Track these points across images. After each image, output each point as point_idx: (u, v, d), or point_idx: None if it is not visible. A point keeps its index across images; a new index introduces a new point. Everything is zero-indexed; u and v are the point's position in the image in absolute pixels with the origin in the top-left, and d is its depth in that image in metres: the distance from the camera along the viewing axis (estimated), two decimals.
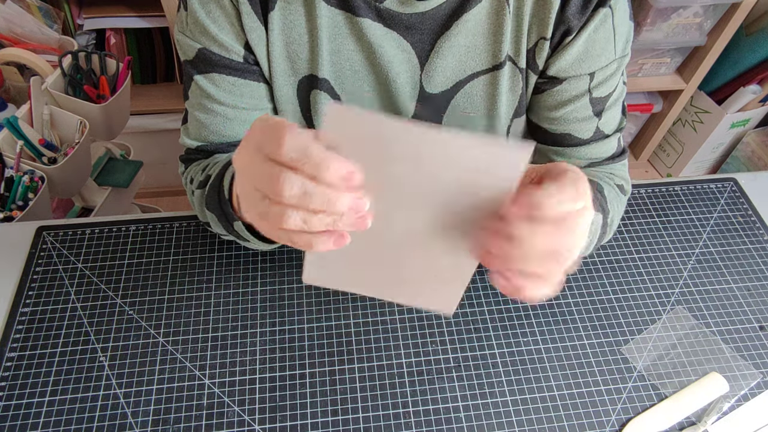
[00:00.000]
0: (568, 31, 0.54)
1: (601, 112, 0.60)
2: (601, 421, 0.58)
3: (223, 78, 0.56)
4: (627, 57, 0.59)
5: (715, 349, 0.64)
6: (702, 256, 0.72)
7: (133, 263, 0.68)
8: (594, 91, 0.58)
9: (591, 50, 0.55)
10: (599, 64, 0.56)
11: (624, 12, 0.55)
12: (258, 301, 0.65)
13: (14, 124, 1.00)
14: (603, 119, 0.61)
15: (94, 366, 0.59)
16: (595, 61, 0.56)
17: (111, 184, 1.24)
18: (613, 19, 0.54)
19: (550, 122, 0.61)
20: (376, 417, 0.57)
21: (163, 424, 0.56)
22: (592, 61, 0.56)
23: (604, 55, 0.56)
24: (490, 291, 0.67)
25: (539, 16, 0.54)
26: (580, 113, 0.59)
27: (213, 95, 0.57)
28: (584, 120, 0.60)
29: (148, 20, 1.31)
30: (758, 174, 0.82)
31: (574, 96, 0.58)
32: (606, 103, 0.60)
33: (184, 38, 0.56)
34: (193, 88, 0.58)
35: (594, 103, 0.59)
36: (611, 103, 0.60)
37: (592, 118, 0.60)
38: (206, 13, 0.53)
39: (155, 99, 1.47)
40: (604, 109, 0.60)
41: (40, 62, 1.09)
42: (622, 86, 0.61)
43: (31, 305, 0.63)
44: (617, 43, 0.56)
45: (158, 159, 1.56)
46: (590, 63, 0.56)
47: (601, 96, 0.59)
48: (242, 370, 0.60)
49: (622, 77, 0.60)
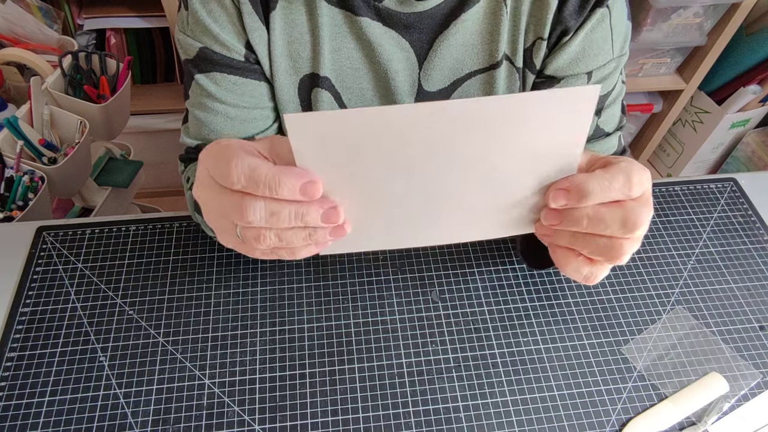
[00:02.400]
0: (566, 31, 0.54)
1: (601, 110, 0.60)
2: (601, 421, 0.58)
3: (225, 77, 0.56)
4: (625, 56, 0.59)
5: (715, 349, 0.64)
6: (702, 256, 0.72)
7: (133, 263, 0.68)
8: None
9: (588, 50, 0.55)
10: (596, 63, 0.56)
11: (621, 11, 0.55)
12: (258, 301, 0.65)
13: (14, 124, 1.00)
14: (603, 117, 0.61)
15: (94, 366, 0.59)
16: (593, 60, 0.56)
17: (111, 184, 1.24)
18: (611, 18, 0.54)
19: None
20: (376, 417, 0.57)
21: (163, 424, 0.56)
22: (589, 61, 0.56)
23: (601, 54, 0.56)
24: (490, 291, 0.67)
25: (536, 16, 0.54)
26: None
27: (214, 94, 0.57)
28: None
29: (148, 20, 1.31)
30: (758, 174, 0.82)
31: None
32: (605, 101, 0.60)
33: (185, 37, 0.56)
34: (194, 87, 0.58)
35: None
36: (610, 102, 0.60)
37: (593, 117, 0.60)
38: (207, 12, 0.53)
39: (155, 99, 1.47)
40: (603, 108, 0.60)
41: (40, 62, 1.09)
42: (621, 85, 0.61)
43: (31, 305, 0.63)
44: (615, 43, 0.56)
45: (158, 159, 1.56)
46: (587, 62, 0.56)
47: (600, 95, 0.59)
48: (242, 370, 0.59)
49: (621, 76, 0.60)
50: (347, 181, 0.36)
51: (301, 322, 0.63)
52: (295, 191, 0.32)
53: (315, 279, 0.67)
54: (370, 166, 0.35)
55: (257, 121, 0.60)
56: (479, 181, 0.37)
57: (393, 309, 0.65)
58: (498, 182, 0.38)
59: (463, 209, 0.40)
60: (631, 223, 0.35)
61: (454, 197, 0.38)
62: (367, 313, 0.64)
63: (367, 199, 0.37)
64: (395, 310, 0.65)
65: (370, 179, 0.36)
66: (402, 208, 0.39)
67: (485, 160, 0.36)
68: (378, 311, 0.65)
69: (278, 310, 0.64)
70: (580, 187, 0.36)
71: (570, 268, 0.40)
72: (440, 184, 0.37)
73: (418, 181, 0.37)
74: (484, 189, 0.38)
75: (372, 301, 0.65)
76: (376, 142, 0.33)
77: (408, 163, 0.35)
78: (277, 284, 0.66)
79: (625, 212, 0.35)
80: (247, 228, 0.34)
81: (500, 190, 0.38)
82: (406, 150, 0.34)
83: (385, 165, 0.35)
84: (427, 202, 0.39)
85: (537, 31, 0.55)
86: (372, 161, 0.35)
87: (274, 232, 0.34)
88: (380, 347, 0.62)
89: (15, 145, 0.99)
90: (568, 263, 0.40)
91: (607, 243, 0.37)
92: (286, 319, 0.64)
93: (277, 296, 0.65)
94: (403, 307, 0.65)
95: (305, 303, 0.65)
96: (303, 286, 0.66)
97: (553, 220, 0.38)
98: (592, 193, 0.35)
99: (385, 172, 0.36)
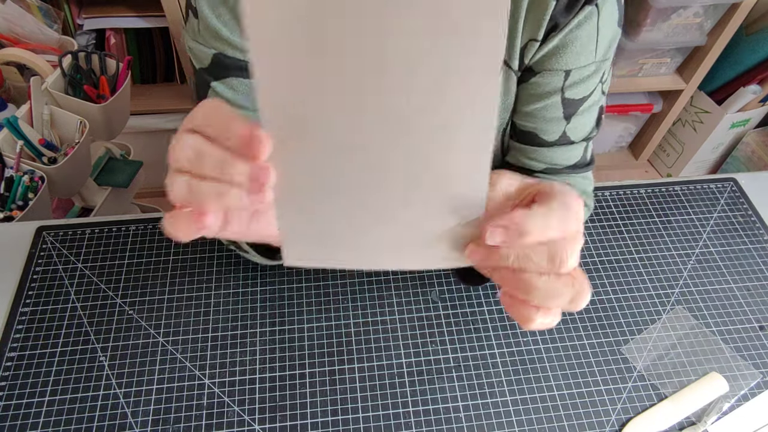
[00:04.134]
0: (554, 27, 0.53)
1: (572, 115, 0.58)
2: (601, 421, 0.58)
3: (240, 81, 0.56)
4: (607, 62, 0.57)
5: (715, 349, 0.64)
6: (702, 256, 0.72)
7: (133, 263, 0.68)
8: (567, 91, 0.57)
9: (570, 46, 0.54)
10: (577, 62, 0.55)
11: (611, 15, 0.54)
12: (258, 301, 0.65)
13: (14, 124, 1.00)
14: (571, 124, 0.59)
15: (94, 366, 0.59)
16: (573, 58, 0.54)
17: (111, 184, 1.24)
18: (599, 19, 0.53)
19: (519, 116, 0.60)
20: (376, 417, 0.57)
21: (163, 424, 0.56)
22: (569, 58, 0.54)
23: (583, 54, 0.54)
24: (490, 291, 0.67)
25: (533, 18, 0.53)
26: (550, 112, 0.58)
27: (231, 100, 0.56)
28: (552, 121, 0.59)
29: (148, 20, 1.31)
30: (758, 174, 0.82)
31: (546, 92, 0.57)
32: (579, 107, 0.58)
33: (198, 46, 0.55)
34: (211, 95, 0.57)
35: (566, 104, 0.57)
36: (584, 109, 0.59)
37: (561, 121, 0.59)
38: (217, 17, 0.53)
39: (155, 99, 1.47)
40: (575, 113, 0.58)
41: (40, 62, 1.09)
42: (599, 94, 0.59)
43: (31, 305, 0.63)
44: (599, 45, 0.55)
45: (158, 159, 1.55)
46: (567, 59, 0.55)
47: (574, 98, 0.57)
48: (242, 370, 0.60)
49: (601, 85, 0.59)
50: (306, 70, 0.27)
51: (301, 322, 0.63)
52: (241, 139, 0.28)
53: (315, 279, 0.67)
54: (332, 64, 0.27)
55: None
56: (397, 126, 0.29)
57: (393, 309, 0.65)
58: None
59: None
60: (558, 259, 0.33)
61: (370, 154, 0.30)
62: (367, 313, 0.64)
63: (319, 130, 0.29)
64: (395, 310, 0.65)
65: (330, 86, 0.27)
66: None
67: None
68: (378, 311, 0.65)
69: (278, 310, 0.64)
70: (520, 226, 0.33)
71: (514, 314, 0.37)
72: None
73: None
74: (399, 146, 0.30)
75: (372, 301, 0.65)
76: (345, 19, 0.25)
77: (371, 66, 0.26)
78: (277, 284, 0.66)
79: (551, 247, 0.33)
80: (172, 172, 0.30)
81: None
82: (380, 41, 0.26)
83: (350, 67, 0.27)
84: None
85: (531, 32, 0.54)
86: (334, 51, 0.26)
87: (185, 179, 0.30)
88: (380, 347, 0.62)
89: (15, 145, 0.99)
90: (510, 309, 0.36)
91: (533, 280, 0.34)
92: (286, 319, 0.64)
93: (277, 296, 0.65)
94: (403, 307, 0.65)
95: (305, 303, 0.65)
96: (303, 286, 0.66)
97: (477, 257, 0.35)
98: (531, 232, 0.33)
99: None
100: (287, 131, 0.30)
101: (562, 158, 0.61)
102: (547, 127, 0.59)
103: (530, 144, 0.61)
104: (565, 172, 0.62)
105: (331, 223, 0.34)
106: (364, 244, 0.36)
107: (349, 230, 0.35)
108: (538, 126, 0.59)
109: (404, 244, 0.35)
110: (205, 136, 0.30)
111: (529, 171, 0.63)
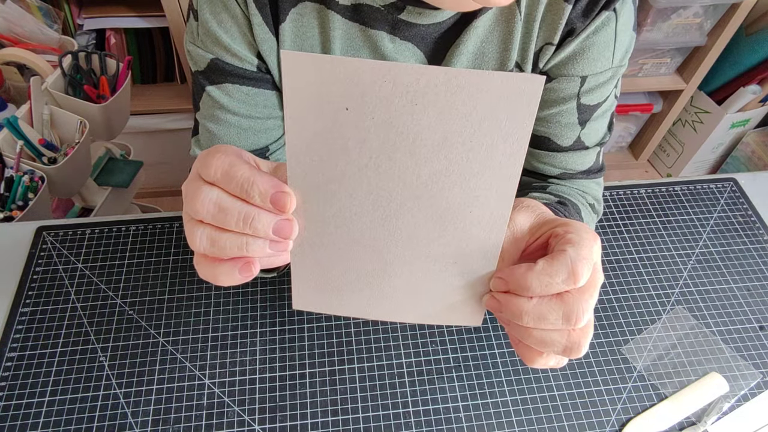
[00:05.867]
0: (571, 32, 0.53)
1: (587, 121, 0.58)
2: (601, 421, 0.58)
3: (237, 88, 0.55)
4: (623, 68, 0.57)
5: (715, 349, 0.64)
6: (702, 256, 0.72)
7: (133, 263, 0.68)
8: (583, 97, 0.57)
9: (587, 52, 0.54)
10: (593, 69, 0.55)
11: (628, 19, 0.54)
12: (258, 301, 0.65)
13: (14, 124, 1.00)
14: (586, 129, 0.59)
15: (94, 366, 0.59)
16: (590, 64, 0.54)
17: (111, 184, 1.24)
18: (617, 24, 0.53)
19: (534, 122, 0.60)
20: (376, 417, 0.57)
21: (163, 424, 0.56)
22: (586, 64, 0.54)
23: (600, 60, 0.54)
24: None
25: (548, 21, 0.52)
26: (565, 118, 0.58)
27: (226, 106, 0.56)
28: (567, 126, 0.59)
29: (148, 20, 1.31)
30: (758, 174, 0.82)
31: (562, 98, 0.57)
32: (594, 112, 0.58)
33: (196, 49, 0.55)
34: (205, 99, 0.57)
35: (581, 110, 0.57)
36: (598, 114, 0.59)
37: (576, 126, 0.59)
38: (218, 23, 0.52)
39: (155, 99, 1.47)
40: (590, 119, 0.58)
41: (40, 62, 1.09)
42: (613, 99, 0.59)
43: (31, 305, 0.63)
44: (616, 51, 0.55)
45: (158, 159, 1.56)
46: (584, 65, 0.55)
47: (589, 104, 0.57)
48: (242, 370, 0.60)
49: (615, 89, 0.59)
50: (334, 155, 0.30)
51: (301, 322, 0.63)
52: (267, 197, 0.30)
53: None
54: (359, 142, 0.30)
55: (271, 131, 0.59)
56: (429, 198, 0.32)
57: None
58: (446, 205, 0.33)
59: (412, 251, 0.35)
60: (574, 317, 0.32)
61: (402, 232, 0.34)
62: None
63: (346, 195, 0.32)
64: None
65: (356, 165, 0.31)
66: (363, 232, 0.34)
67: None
68: None
69: (278, 310, 0.64)
70: (519, 282, 0.33)
71: (521, 355, 0.37)
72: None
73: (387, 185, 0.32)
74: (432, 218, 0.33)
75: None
76: (378, 104, 0.29)
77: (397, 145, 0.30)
78: (277, 284, 0.66)
79: (566, 307, 0.32)
80: (191, 221, 0.31)
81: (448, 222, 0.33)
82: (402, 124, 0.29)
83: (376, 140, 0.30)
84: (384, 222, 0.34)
85: (547, 36, 0.53)
86: (364, 132, 0.30)
87: (208, 232, 0.31)
88: (380, 347, 0.62)
89: (15, 145, 0.99)
90: (523, 356, 0.37)
91: (553, 336, 0.34)
92: (286, 319, 0.64)
93: (277, 296, 0.65)
94: None
95: None
96: None
97: (493, 305, 0.36)
98: (531, 288, 0.33)
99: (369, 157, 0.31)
100: (312, 194, 0.32)
101: (577, 163, 0.61)
102: (561, 132, 0.59)
103: (544, 149, 0.61)
104: (579, 177, 0.62)
105: (344, 277, 0.36)
106: (375, 298, 0.38)
107: (362, 285, 0.37)
108: (553, 131, 0.59)
109: (416, 302, 0.38)
110: (225, 191, 0.31)
111: (543, 176, 0.63)
